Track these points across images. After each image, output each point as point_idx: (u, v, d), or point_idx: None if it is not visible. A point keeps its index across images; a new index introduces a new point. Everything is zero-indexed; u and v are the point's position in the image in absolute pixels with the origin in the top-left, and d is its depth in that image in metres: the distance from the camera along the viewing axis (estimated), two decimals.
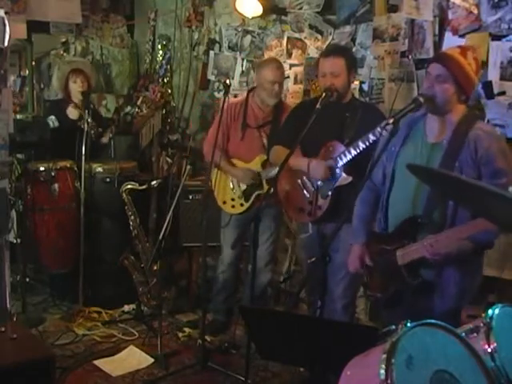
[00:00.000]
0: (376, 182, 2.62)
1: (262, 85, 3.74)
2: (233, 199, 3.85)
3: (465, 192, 1.66)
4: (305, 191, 3.21)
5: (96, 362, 3.49)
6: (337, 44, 3.90)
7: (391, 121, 2.40)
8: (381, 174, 2.57)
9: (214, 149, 3.44)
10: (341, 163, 3.01)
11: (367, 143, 2.86)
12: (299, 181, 3.23)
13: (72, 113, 4.53)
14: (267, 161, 3.73)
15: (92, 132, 4.33)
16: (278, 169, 3.66)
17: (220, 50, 5.00)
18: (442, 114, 2.38)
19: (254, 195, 3.81)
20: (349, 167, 3.01)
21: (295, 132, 2.97)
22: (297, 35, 4.30)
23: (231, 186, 3.84)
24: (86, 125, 4.17)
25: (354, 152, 2.94)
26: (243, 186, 3.83)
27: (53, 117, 4.48)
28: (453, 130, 2.35)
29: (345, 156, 2.99)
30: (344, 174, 3.04)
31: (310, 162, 3.11)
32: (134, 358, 3.57)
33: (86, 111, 4.25)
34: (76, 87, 4.51)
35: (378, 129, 2.75)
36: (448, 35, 3.27)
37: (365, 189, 2.57)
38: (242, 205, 3.85)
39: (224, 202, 3.87)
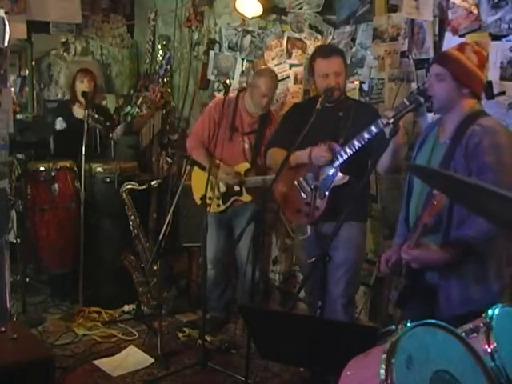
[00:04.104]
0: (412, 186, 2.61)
1: (252, 92, 3.75)
2: (210, 198, 3.85)
3: (460, 190, 1.66)
4: (302, 192, 3.20)
5: (96, 362, 3.50)
6: (331, 44, 3.90)
7: (391, 121, 2.40)
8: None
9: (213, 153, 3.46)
10: (337, 163, 3.01)
11: (362, 142, 2.86)
12: (296, 182, 3.23)
13: (78, 112, 4.55)
14: (250, 169, 3.79)
15: (101, 128, 4.34)
16: (260, 178, 3.70)
17: (220, 50, 5.00)
18: (446, 111, 2.38)
19: (232, 199, 3.85)
20: (345, 166, 3.01)
21: (292, 134, 2.97)
22: (297, 35, 4.29)
23: (211, 186, 3.81)
24: (87, 121, 4.18)
25: (349, 151, 2.94)
26: (223, 188, 3.86)
27: (60, 118, 4.51)
28: (455, 127, 2.34)
29: (341, 156, 2.99)
30: (340, 174, 3.04)
31: (311, 150, 3.09)
32: (134, 358, 3.57)
33: (91, 109, 4.27)
34: (82, 87, 4.52)
35: (373, 127, 2.74)
36: (448, 35, 3.26)
37: (404, 193, 2.57)
38: (218, 205, 3.88)
39: (200, 199, 3.86)
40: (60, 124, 4.49)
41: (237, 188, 3.83)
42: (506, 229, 1.95)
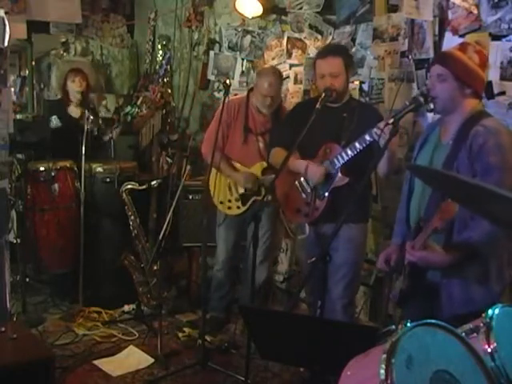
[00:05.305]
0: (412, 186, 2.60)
1: (255, 92, 3.75)
2: (229, 201, 3.86)
3: (463, 191, 1.66)
4: (302, 192, 3.21)
5: (96, 362, 3.49)
6: (332, 44, 3.89)
7: (391, 121, 2.39)
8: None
9: (214, 149, 3.44)
10: (338, 164, 3.01)
11: (364, 144, 2.86)
12: (296, 182, 3.23)
13: (74, 111, 4.56)
14: (267, 168, 3.76)
15: (96, 129, 4.36)
16: (273, 177, 3.70)
17: (220, 50, 5.00)
18: (449, 112, 2.37)
19: (251, 200, 3.83)
20: (345, 168, 3.02)
21: (294, 133, 2.97)
22: (297, 35, 4.29)
23: (230, 187, 3.84)
24: (85, 123, 4.18)
25: (350, 153, 2.94)
26: (241, 190, 3.85)
27: (55, 116, 4.51)
28: (458, 128, 2.33)
29: (342, 157, 2.99)
30: (340, 175, 3.04)
31: (308, 165, 3.10)
32: (134, 358, 3.57)
33: (86, 110, 4.27)
34: (74, 86, 4.53)
35: (375, 129, 2.74)
36: (448, 35, 3.26)
37: (403, 192, 2.57)
38: (238, 207, 3.87)
39: (221, 202, 3.88)
40: (55, 122, 4.49)
41: (255, 188, 3.82)
42: (508, 229, 1.95)
